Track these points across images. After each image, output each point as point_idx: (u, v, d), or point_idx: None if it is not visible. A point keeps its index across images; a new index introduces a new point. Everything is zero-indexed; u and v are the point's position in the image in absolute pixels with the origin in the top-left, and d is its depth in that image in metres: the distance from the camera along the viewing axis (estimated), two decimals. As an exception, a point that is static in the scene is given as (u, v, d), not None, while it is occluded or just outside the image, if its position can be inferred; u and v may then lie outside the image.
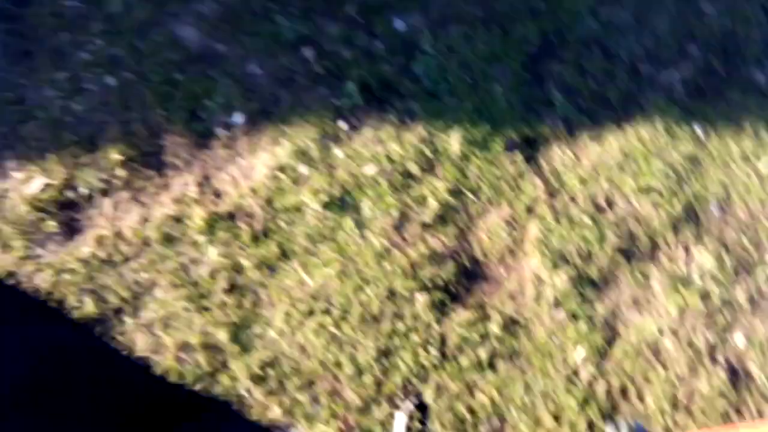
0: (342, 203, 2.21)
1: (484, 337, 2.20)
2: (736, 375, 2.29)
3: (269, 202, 2.15)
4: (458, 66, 2.55)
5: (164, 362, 1.84)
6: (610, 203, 2.60)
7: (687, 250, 2.49)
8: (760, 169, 2.72)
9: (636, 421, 2.03)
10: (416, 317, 2.14)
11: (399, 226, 2.25)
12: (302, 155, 2.23)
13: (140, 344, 1.84)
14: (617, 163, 2.66)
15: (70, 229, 1.96)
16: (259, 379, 1.94)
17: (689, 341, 2.33)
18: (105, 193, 2.02)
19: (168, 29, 2.25)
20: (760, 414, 2.21)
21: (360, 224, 2.20)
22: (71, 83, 2.11)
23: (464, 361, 2.14)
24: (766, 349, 2.34)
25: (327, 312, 2.07)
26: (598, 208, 2.56)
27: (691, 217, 2.56)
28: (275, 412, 1.89)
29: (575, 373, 2.34)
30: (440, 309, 2.18)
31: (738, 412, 2.22)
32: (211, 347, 1.92)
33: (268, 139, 2.21)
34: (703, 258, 2.48)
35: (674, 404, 2.23)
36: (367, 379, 2.02)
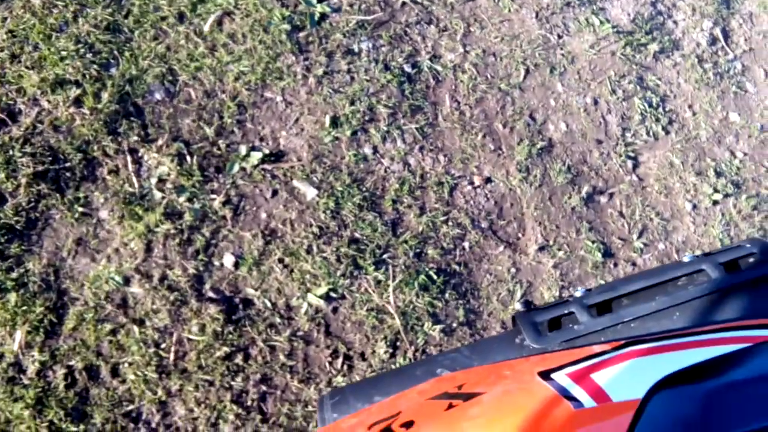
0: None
1: None
2: (233, 305, 1.79)
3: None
4: None
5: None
6: (13, 113, 1.76)
7: (135, 156, 1.84)
8: (206, 28, 2.00)
9: None
10: None
11: None
12: None
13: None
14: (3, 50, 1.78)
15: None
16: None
17: (165, 280, 1.77)
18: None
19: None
20: (270, 347, 1.79)
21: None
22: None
23: None
24: (260, 266, 1.83)
25: None
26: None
27: (131, 111, 1.89)
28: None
29: (20, 370, 1.59)
30: None
31: (242, 350, 1.76)
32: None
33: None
34: (160, 162, 1.88)
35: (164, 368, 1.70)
36: None
